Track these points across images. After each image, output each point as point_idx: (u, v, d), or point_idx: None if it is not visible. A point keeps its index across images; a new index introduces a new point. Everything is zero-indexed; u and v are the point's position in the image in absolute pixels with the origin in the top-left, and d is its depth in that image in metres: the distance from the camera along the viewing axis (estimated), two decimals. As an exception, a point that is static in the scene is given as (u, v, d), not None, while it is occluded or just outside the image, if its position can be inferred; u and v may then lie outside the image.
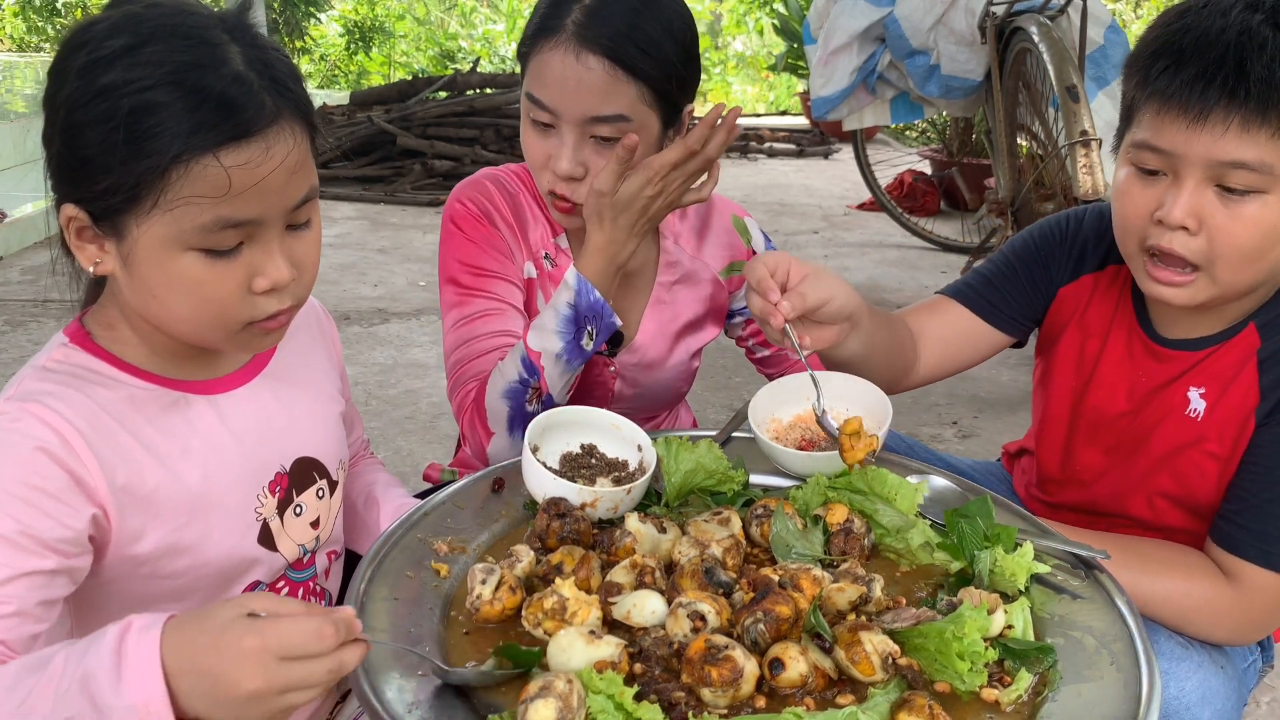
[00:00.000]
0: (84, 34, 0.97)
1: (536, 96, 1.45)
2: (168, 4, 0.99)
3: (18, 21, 12.39)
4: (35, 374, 1.04)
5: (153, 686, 0.80)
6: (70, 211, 0.99)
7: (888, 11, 4.10)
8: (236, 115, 0.95)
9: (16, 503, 0.94)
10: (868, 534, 1.19)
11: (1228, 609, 1.22)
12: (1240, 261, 1.17)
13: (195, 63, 0.94)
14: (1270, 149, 1.11)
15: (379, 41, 12.17)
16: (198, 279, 0.99)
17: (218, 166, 0.94)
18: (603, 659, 0.94)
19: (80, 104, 0.95)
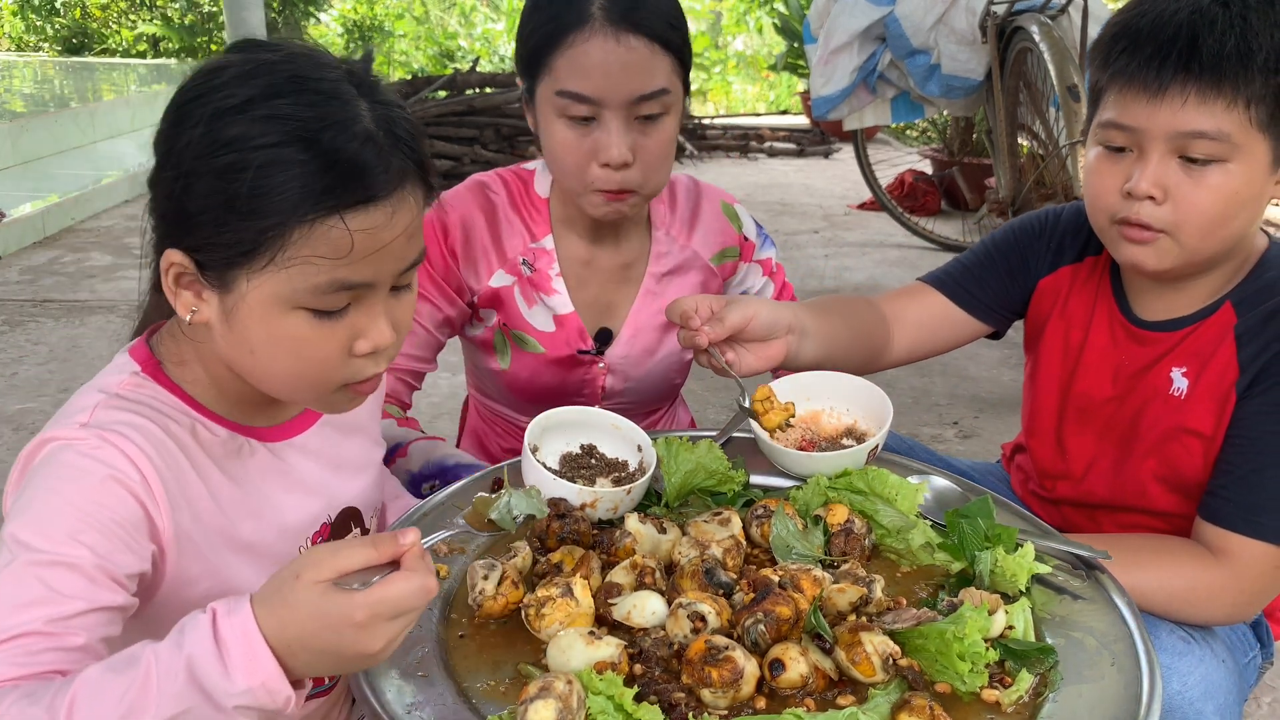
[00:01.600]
0: (210, 78, 0.94)
1: (575, 90, 1.40)
2: (295, 50, 0.97)
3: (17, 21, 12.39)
4: (110, 401, 1.00)
5: (265, 665, 0.81)
6: (175, 258, 0.95)
7: (888, 11, 4.09)
8: (366, 178, 0.92)
9: (95, 533, 0.91)
10: (868, 534, 1.19)
11: (1222, 587, 1.23)
12: (1205, 227, 1.22)
13: (326, 120, 0.91)
14: (1226, 119, 1.17)
15: (378, 41, 12.17)
16: (302, 338, 0.96)
17: (343, 229, 0.91)
18: (602, 660, 0.93)
19: (203, 153, 0.91)
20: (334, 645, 0.82)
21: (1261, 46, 1.16)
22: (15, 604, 0.85)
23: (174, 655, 0.81)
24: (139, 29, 12.05)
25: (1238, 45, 1.16)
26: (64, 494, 0.91)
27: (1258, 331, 1.27)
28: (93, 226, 5.43)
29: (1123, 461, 1.39)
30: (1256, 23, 1.17)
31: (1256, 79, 1.16)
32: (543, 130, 1.48)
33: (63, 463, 0.94)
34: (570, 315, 1.63)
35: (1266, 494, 1.23)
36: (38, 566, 0.87)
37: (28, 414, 3.15)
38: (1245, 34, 1.16)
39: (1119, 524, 1.42)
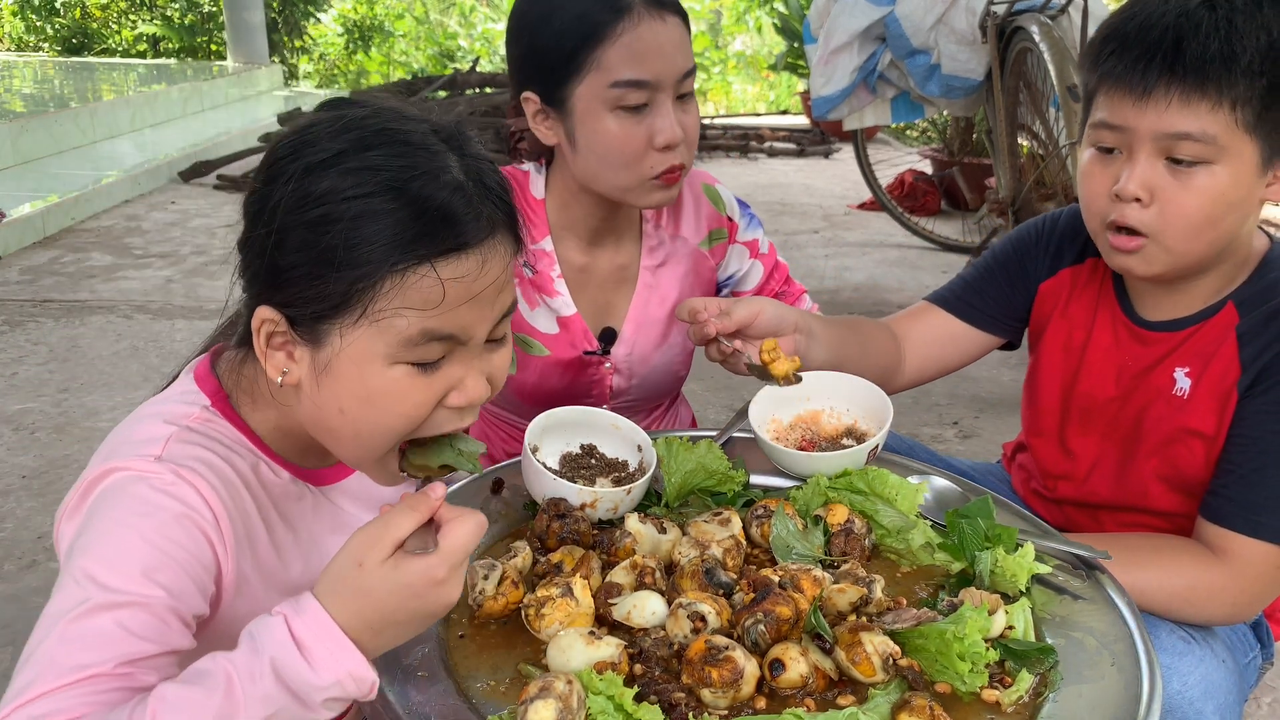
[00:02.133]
0: (300, 137, 0.94)
1: (634, 77, 1.40)
2: (384, 108, 0.96)
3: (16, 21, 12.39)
4: (183, 434, 0.98)
5: (349, 655, 0.83)
6: (266, 314, 0.94)
7: (888, 11, 4.09)
8: (457, 226, 0.91)
9: (169, 572, 0.89)
10: (868, 534, 1.19)
11: (1221, 586, 1.23)
12: (1190, 230, 1.23)
13: (415, 170, 0.91)
14: (1210, 120, 1.18)
15: (378, 41, 12.17)
16: (399, 393, 0.94)
17: (434, 278, 0.90)
18: (602, 660, 0.93)
19: (294, 208, 0.91)
20: (420, 609, 0.86)
21: (1246, 49, 1.17)
22: (89, 644, 0.84)
23: (254, 660, 0.82)
24: (139, 29, 12.04)
25: (1222, 48, 1.17)
26: (139, 530, 0.89)
27: (1259, 331, 1.27)
28: (93, 226, 5.43)
29: (1126, 462, 1.39)
30: (1242, 25, 1.17)
31: (1241, 81, 1.17)
32: (587, 130, 1.45)
33: (136, 496, 0.92)
34: (574, 317, 1.62)
35: (1267, 493, 1.23)
36: (113, 608, 0.85)
37: (28, 414, 3.15)
38: (1230, 36, 1.17)
39: (1121, 524, 1.42)
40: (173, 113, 8.15)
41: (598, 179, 1.49)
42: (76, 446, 2.92)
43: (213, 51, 11.82)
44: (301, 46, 12.10)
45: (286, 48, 11.88)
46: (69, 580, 0.88)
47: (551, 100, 1.46)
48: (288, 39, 11.88)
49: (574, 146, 1.48)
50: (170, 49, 11.94)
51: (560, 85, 1.44)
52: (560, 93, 1.45)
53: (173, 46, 11.91)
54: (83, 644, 0.84)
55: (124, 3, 12.25)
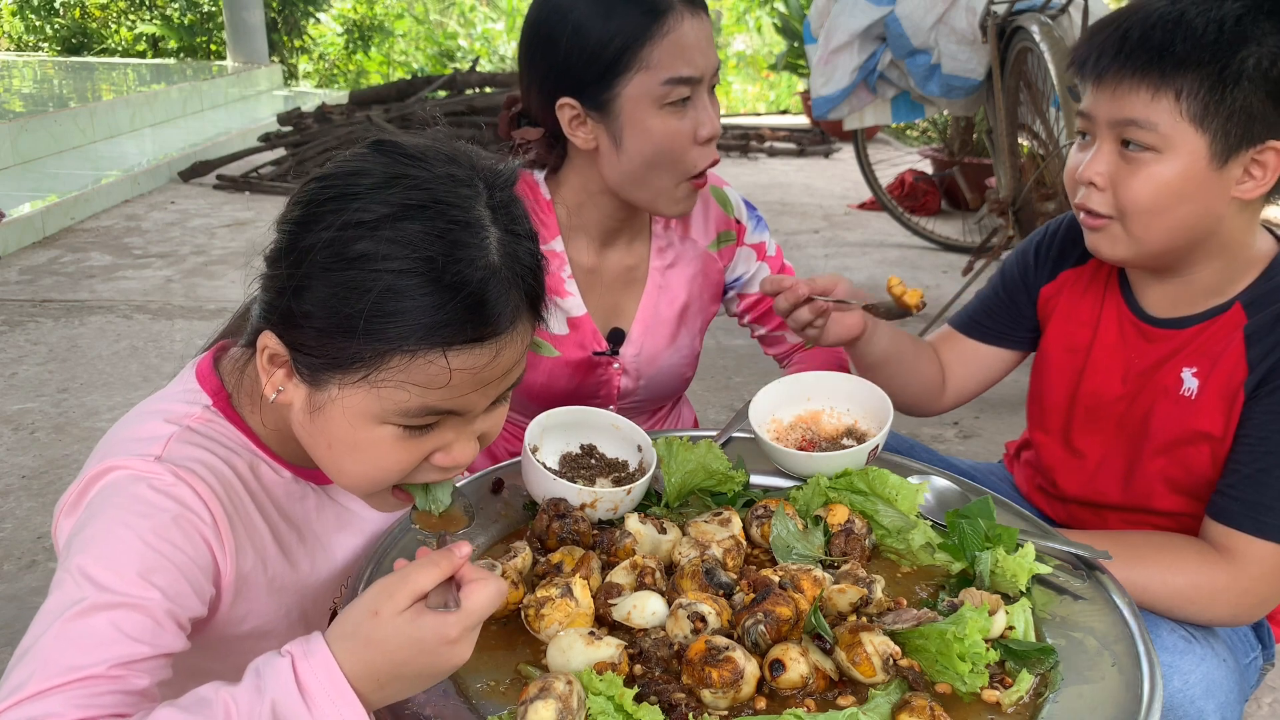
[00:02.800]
0: (347, 183, 0.91)
1: (684, 74, 1.43)
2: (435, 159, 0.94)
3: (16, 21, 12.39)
4: (183, 435, 0.98)
5: (350, 706, 0.82)
6: (271, 343, 0.93)
7: (888, 10, 4.09)
8: (479, 319, 0.90)
9: (166, 574, 0.89)
10: (868, 535, 1.19)
11: (1225, 587, 1.23)
12: (1144, 217, 1.25)
13: (453, 252, 0.88)
14: (1153, 108, 1.21)
15: (378, 40, 12.17)
16: (384, 450, 0.94)
17: (443, 364, 0.89)
18: (602, 660, 0.93)
19: (325, 262, 0.89)
20: (429, 666, 0.85)
21: (1190, 39, 1.18)
22: (83, 645, 0.84)
23: (256, 699, 0.81)
24: (139, 29, 12.04)
25: (1163, 37, 1.19)
26: (136, 529, 0.89)
27: (1267, 332, 1.27)
28: (92, 226, 5.43)
29: (1133, 461, 1.39)
30: (1193, 17, 1.18)
31: (1184, 71, 1.18)
32: (636, 130, 1.45)
33: (135, 496, 0.92)
34: (584, 317, 1.62)
35: (1273, 494, 1.23)
36: (108, 608, 0.86)
37: (27, 414, 3.15)
38: (1175, 27, 1.19)
39: (1127, 522, 1.42)
40: (172, 112, 8.15)
41: (639, 181, 1.50)
42: (76, 446, 2.92)
43: (212, 51, 11.82)
44: (301, 46, 12.09)
45: (286, 47, 11.88)
46: (66, 578, 0.87)
47: (594, 104, 1.46)
48: (287, 39, 11.88)
49: (619, 148, 1.48)
50: (170, 49, 11.94)
51: (606, 88, 1.44)
52: (604, 95, 1.45)
53: (172, 46, 11.91)
54: (77, 644, 0.84)
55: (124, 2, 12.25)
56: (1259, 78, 1.17)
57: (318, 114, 7.08)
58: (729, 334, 3.79)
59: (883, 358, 1.50)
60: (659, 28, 1.41)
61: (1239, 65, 1.17)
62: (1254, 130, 1.19)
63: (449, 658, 0.85)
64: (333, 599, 1.14)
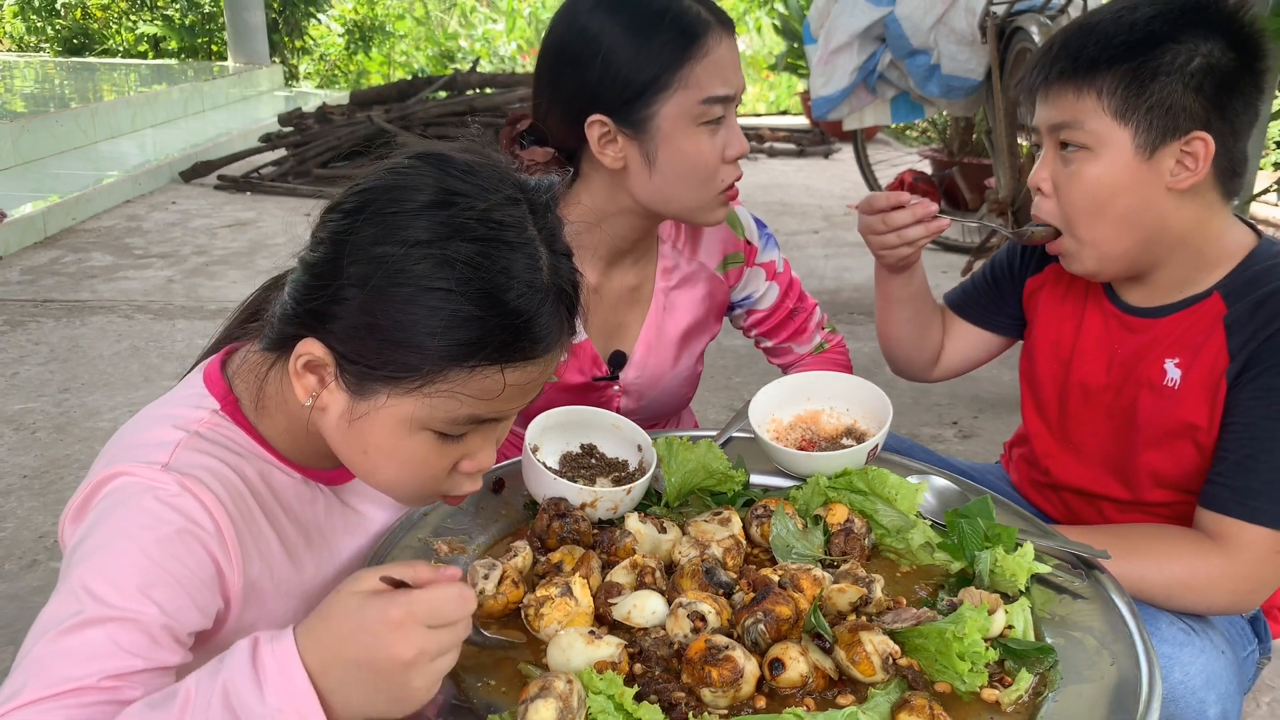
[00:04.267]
0: (399, 198, 0.92)
1: (722, 93, 1.44)
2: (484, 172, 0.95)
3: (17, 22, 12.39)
4: (191, 441, 0.97)
5: (298, 685, 0.80)
6: (315, 350, 0.93)
7: (888, 11, 4.09)
8: (535, 337, 0.92)
9: (165, 589, 0.89)
10: (868, 534, 1.19)
11: (1221, 574, 1.24)
12: (1085, 216, 1.33)
13: (510, 274, 0.90)
14: (1079, 108, 1.29)
15: (379, 41, 12.17)
16: (420, 457, 0.96)
17: (499, 378, 0.92)
18: (603, 659, 0.94)
19: (378, 275, 0.89)
20: (366, 650, 0.80)
21: (1103, 41, 1.28)
22: (78, 657, 0.84)
23: (210, 681, 0.81)
24: (139, 29, 12.05)
25: (1083, 42, 1.30)
26: (138, 542, 0.89)
27: (1246, 320, 1.29)
28: (93, 227, 5.44)
29: (1124, 451, 1.41)
30: (1108, 24, 1.29)
31: (1103, 71, 1.28)
32: (672, 149, 1.45)
33: (139, 507, 0.91)
34: (584, 344, 1.61)
35: (1262, 479, 1.25)
36: (104, 622, 0.86)
37: (28, 414, 3.15)
38: (1092, 33, 1.30)
39: (1122, 512, 1.44)
40: (173, 113, 8.16)
41: (672, 197, 1.50)
42: (77, 446, 2.93)
43: (213, 52, 11.83)
44: (302, 47, 12.10)
45: (287, 48, 11.88)
46: (66, 588, 0.88)
47: (628, 122, 1.45)
48: (288, 39, 11.88)
49: (651, 166, 1.47)
50: (171, 49, 11.95)
51: (643, 106, 1.44)
52: (641, 114, 1.44)
53: (173, 47, 11.92)
54: (72, 656, 0.84)
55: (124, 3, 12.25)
56: (1177, 72, 1.25)
57: (318, 114, 7.09)
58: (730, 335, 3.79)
59: (912, 296, 1.59)
60: (699, 48, 1.42)
61: (1154, 62, 1.25)
62: (1178, 122, 1.26)
63: (389, 644, 0.79)
64: None
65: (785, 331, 1.78)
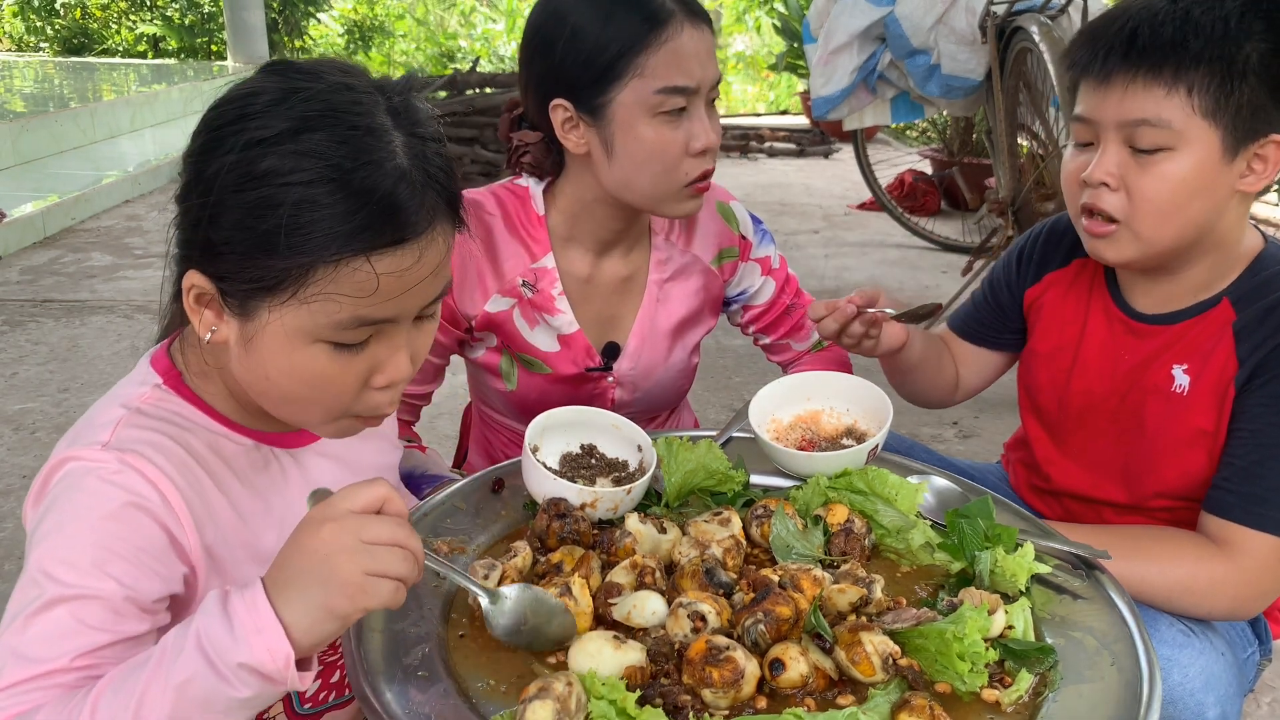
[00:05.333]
0: (243, 104, 0.92)
1: (679, 83, 1.42)
2: (329, 73, 0.94)
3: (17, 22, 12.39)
4: (131, 418, 0.99)
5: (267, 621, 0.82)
6: (196, 280, 0.94)
7: (888, 11, 4.09)
8: (397, 221, 0.90)
9: (120, 562, 0.91)
10: (868, 534, 1.19)
11: (1223, 580, 1.24)
12: (1157, 215, 1.26)
13: (359, 159, 0.89)
14: (1167, 105, 1.22)
15: (379, 41, 12.17)
16: (321, 371, 0.95)
17: (369, 270, 0.90)
18: (632, 664, 0.93)
19: (234, 185, 0.89)
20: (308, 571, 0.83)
21: (1200, 34, 1.20)
22: (46, 639, 0.87)
23: (183, 631, 0.84)
24: (139, 29, 12.05)
25: (1174, 34, 1.21)
26: (87, 521, 0.91)
27: (1255, 327, 1.28)
28: (93, 226, 5.44)
29: (1129, 457, 1.40)
30: (1198, 15, 1.21)
31: (1195, 67, 1.20)
32: (628, 137, 1.45)
33: (84, 489, 0.93)
34: (576, 334, 1.60)
35: (1267, 485, 1.24)
36: (66, 601, 0.88)
37: (28, 414, 3.15)
38: (1184, 24, 1.21)
39: (1123, 519, 1.43)
40: (173, 113, 8.15)
41: (632, 187, 1.49)
42: (77, 446, 2.92)
43: (213, 51, 11.83)
44: (302, 47, 12.09)
45: (287, 48, 11.88)
46: (26, 575, 0.91)
47: (587, 108, 1.46)
48: (288, 39, 11.88)
49: (610, 154, 1.47)
50: (170, 49, 11.95)
51: (599, 93, 1.44)
52: (598, 100, 1.44)
53: (173, 46, 11.92)
54: (41, 639, 0.87)
55: (124, 3, 12.25)
56: (1261, 71, 1.20)
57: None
58: (729, 334, 3.79)
59: (918, 362, 1.55)
60: (657, 36, 1.41)
61: (1244, 59, 1.19)
62: (1258, 123, 1.22)
63: (326, 564, 0.83)
64: None
65: (783, 328, 1.78)
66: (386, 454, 1.27)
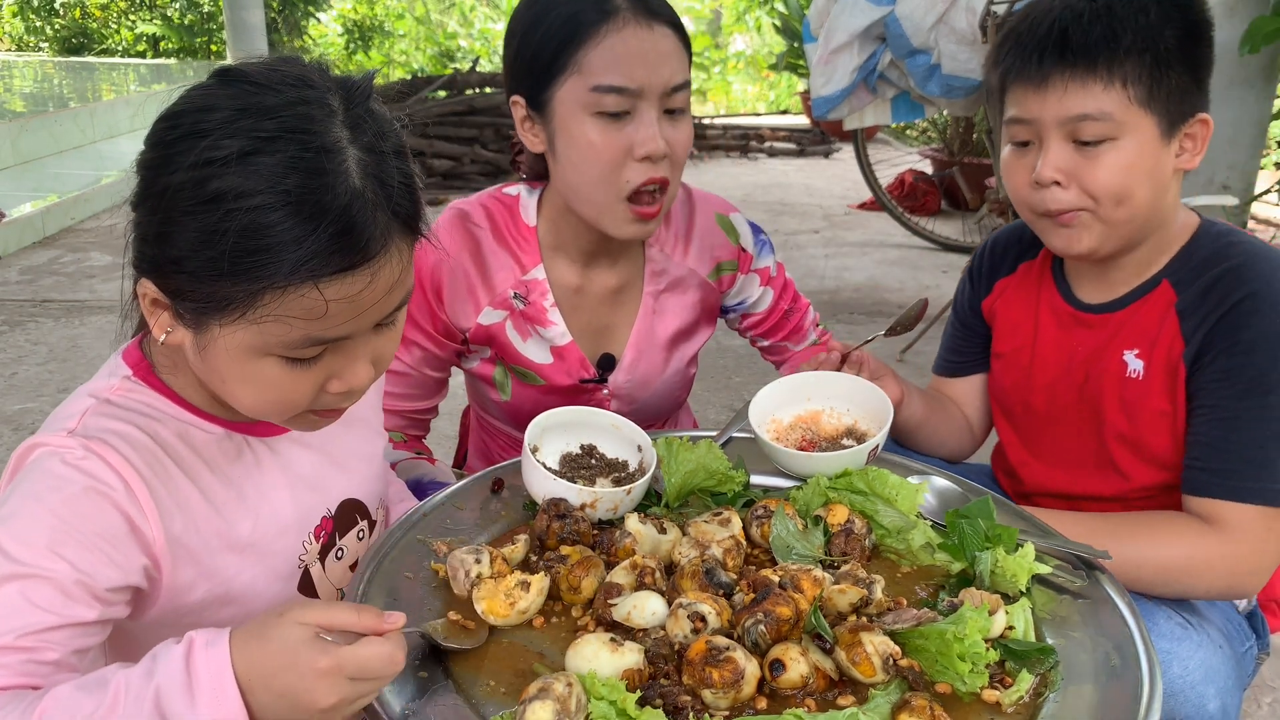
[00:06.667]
0: (198, 119, 0.89)
1: (614, 83, 1.37)
2: (282, 83, 0.91)
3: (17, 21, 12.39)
4: (99, 407, 1.00)
5: (229, 702, 0.83)
6: (149, 290, 0.93)
7: (888, 10, 4.09)
8: (348, 246, 0.88)
9: (75, 546, 0.91)
10: (868, 535, 1.19)
11: (1219, 555, 1.25)
12: (1113, 202, 1.30)
13: (310, 185, 0.87)
14: (1106, 99, 1.27)
15: (378, 41, 12.17)
16: (274, 381, 0.95)
17: (317, 296, 0.89)
18: (630, 667, 0.93)
19: (185, 204, 0.88)
20: (291, 689, 0.84)
21: (1126, 29, 1.26)
22: None
23: (144, 683, 0.83)
24: (139, 29, 12.05)
25: (1104, 31, 1.27)
26: (46, 503, 0.92)
27: (1198, 305, 1.31)
28: (92, 226, 5.44)
29: (1097, 448, 1.42)
30: (1120, 10, 1.27)
31: (1127, 60, 1.26)
32: (565, 136, 1.42)
33: (47, 471, 0.94)
34: (569, 345, 1.59)
35: (1237, 458, 1.26)
36: (16, 579, 0.89)
37: (28, 414, 3.15)
38: (1110, 21, 1.27)
39: (1102, 511, 1.43)
40: (173, 113, 8.14)
41: (576, 192, 1.46)
42: (76, 446, 2.92)
43: (212, 51, 11.83)
44: (301, 47, 12.09)
45: (286, 48, 11.88)
46: None
47: (536, 104, 1.44)
48: (287, 39, 11.88)
49: (554, 153, 1.45)
50: (170, 49, 11.95)
51: (544, 88, 1.42)
52: (543, 96, 1.42)
53: (172, 46, 11.92)
54: None
55: (124, 3, 12.25)
56: (1182, 55, 1.27)
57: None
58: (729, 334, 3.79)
59: (921, 419, 1.55)
60: (595, 31, 1.37)
61: (1166, 48, 1.26)
62: (1186, 106, 1.29)
63: (309, 691, 0.83)
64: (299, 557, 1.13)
65: (781, 332, 1.78)
66: (370, 442, 1.26)
